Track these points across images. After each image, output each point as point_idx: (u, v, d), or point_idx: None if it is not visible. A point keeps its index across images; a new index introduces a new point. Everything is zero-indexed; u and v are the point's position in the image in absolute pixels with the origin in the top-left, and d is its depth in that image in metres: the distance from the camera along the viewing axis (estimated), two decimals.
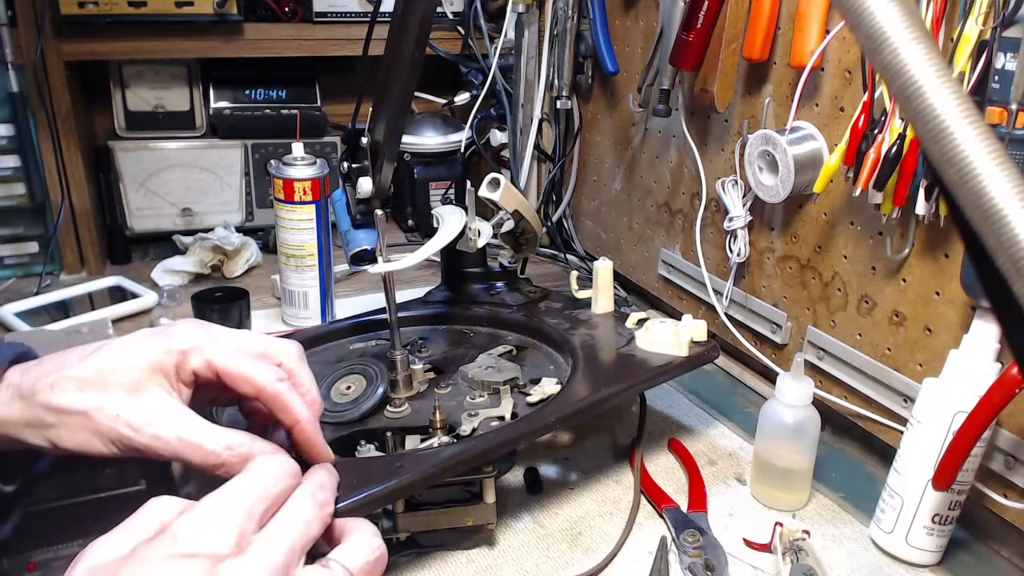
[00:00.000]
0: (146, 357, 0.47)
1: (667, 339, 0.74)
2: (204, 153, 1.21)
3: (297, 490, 0.43)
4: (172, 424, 0.46)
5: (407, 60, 0.62)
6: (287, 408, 0.49)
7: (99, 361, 0.47)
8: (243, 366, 0.49)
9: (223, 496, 0.40)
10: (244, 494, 0.40)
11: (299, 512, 0.42)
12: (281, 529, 0.40)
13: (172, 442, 0.45)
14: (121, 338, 0.50)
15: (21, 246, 1.11)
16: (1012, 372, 0.56)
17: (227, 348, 0.49)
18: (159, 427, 0.45)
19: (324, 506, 0.44)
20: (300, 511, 0.42)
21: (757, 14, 0.80)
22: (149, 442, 0.45)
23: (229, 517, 0.39)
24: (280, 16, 1.17)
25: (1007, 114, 0.58)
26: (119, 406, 0.45)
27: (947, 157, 0.24)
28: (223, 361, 0.48)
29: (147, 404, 0.46)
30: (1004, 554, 0.67)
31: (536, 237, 0.84)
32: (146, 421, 0.45)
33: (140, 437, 0.45)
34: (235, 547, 0.38)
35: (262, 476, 0.42)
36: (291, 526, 0.41)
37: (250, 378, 0.48)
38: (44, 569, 0.54)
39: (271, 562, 0.38)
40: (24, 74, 1.03)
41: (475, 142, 1.22)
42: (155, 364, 0.47)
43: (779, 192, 0.78)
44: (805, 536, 0.64)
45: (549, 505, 0.71)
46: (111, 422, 0.45)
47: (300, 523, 0.41)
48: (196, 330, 0.50)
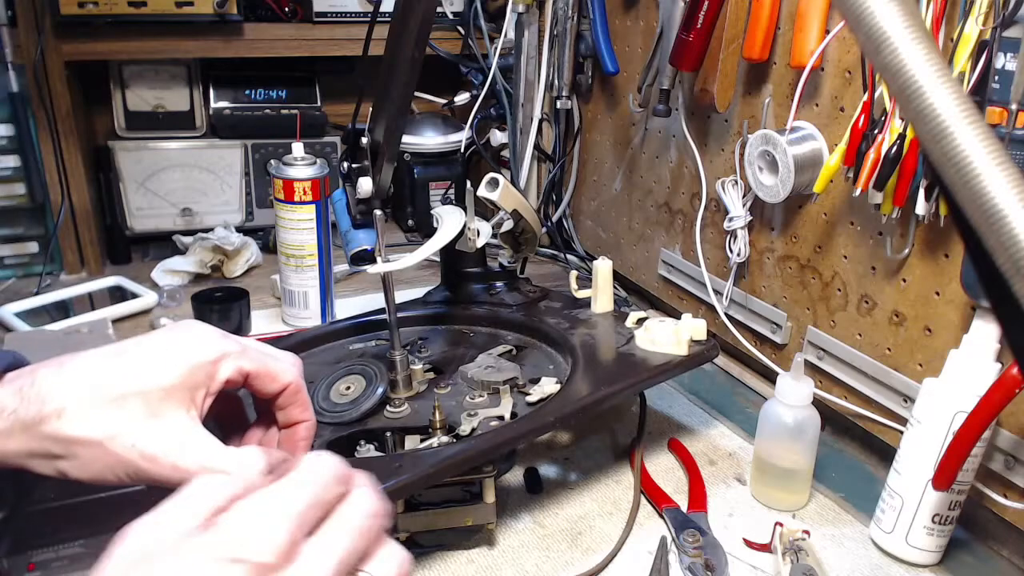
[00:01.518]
0: (168, 374, 0.44)
1: (667, 338, 0.74)
2: (204, 153, 1.21)
3: (349, 497, 0.38)
4: (194, 452, 0.43)
5: (407, 60, 0.62)
6: (306, 403, 0.50)
7: (113, 381, 0.43)
8: (270, 364, 0.48)
9: (277, 496, 0.35)
10: (298, 497, 0.35)
11: (352, 523, 0.36)
12: (332, 541, 0.35)
13: (194, 472, 0.42)
14: (132, 349, 0.45)
15: (21, 246, 1.11)
16: (1012, 372, 0.56)
17: (251, 350, 0.48)
18: (180, 456, 0.42)
19: (375, 516, 0.37)
20: (353, 521, 0.36)
21: (757, 14, 0.80)
22: (168, 473, 0.42)
23: (282, 522, 0.34)
24: (280, 16, 1.17)
25: (1007, 114, 0.58)
26: (135, 434, 0.42)
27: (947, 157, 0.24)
28: (252, 362, 0.47)
29: (165, 431, 0.43)
30: (1004, 554, 0.67)
31: (535, 237, 0.84)
32: (165, 451, 0.42)
33: (158, 468, 0.42)
34: (284, 556, 0.33)
35: (317, 478, 0.37)
36: (342, 538, 0.36)
37: (277, 374, 0.48)
38: (44, 569, 0.54)
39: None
40: (24, 74, 1.03)
41: (475, 142, 1.22)
42: (180, 381, 0.44)
43: (779, 192, 0.78)
44: (805, 536, 0.64)
45: (549, 505, 0.71)
46: (126, 452, 0.42)
47: (353, 534, 0.36)
48: (216, 336, 0.47)
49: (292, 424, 0.51)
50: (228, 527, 0.33)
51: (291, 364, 0.50)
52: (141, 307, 1.02)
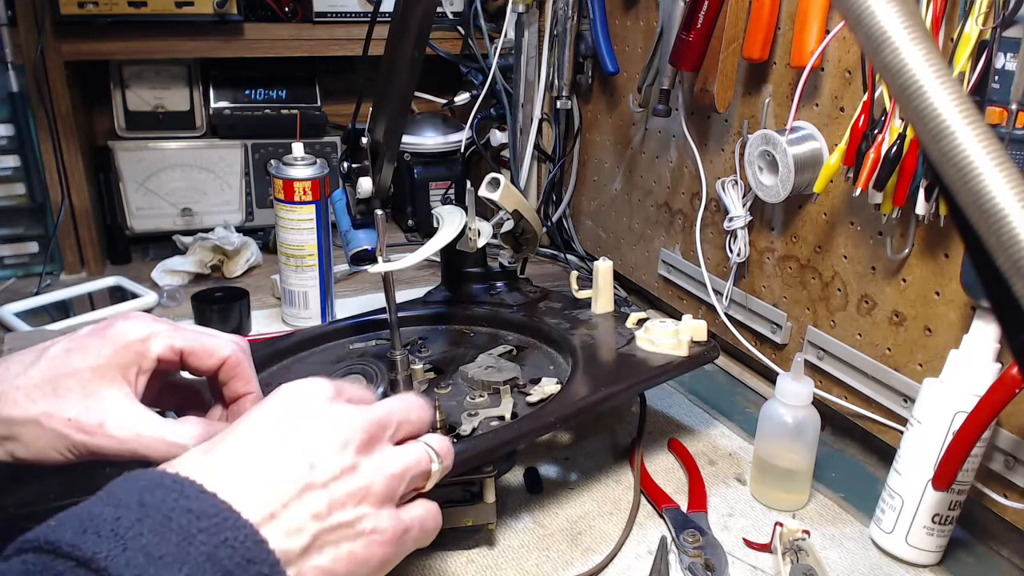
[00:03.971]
0: (99, 355, 0.46)
1: (667, 339, 0.74)
2: (204, 153, 1.21)
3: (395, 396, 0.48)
4: (130, 422, 0.45)
5: (407, 60, 0.62)
6: (248, 376, 0.50)
7: (46, 366, 0.45)
8: (205, 340, 0.49)
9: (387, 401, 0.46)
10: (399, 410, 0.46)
11: (399, 399, 0.48)
12: (380, 404, 0.46)
13: (129, 440, 0.44)
14: (64, 338, 0.48)
15: (21, 246, 1.11)
16: (1012, 372, 0.56)
17: (185, 329, 0.50)
18: (117, 427, 0.44)
19: (423, 405, 0.49)
20: (402, 399, 0.48)
21: (757, 14, 0.80)
22: (106, 443, 0.44)
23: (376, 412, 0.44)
24: (280, 16, 1.17)
25: (1007, 114, 0.58)
26: (72, 410, 0.44)
27: (947, 157, 0.24)
28: (185, 339, 0.49)
29: (99, 405, 0.45)
30: (1004, 554, 0.67)
31: (536, 237, 0.84)
32: (101, 421, 0.44)
33: (96, 439, 0.44)
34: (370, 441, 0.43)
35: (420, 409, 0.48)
36: (390, 403, 0.47)
37: (213, 349, 0.49)
38: None
39: (368, 414, 0.44)
40: (24, 74, 1.03)
41: (475, 142, 1.22)
42: (109, 361, 0.46)
43: (779, 192, 0.78)
44: (805, 536, 0.64)
45: (549, 505, 0.71)
46: (64, 427, 0.44)
47: (399, 403, 0.47)
48: (147, 319, 0.49)
49: (237, 398, 0.51)
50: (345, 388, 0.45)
51: (230, 340, 0.51)
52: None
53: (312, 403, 0.42)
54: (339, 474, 0.40)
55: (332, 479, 0.40)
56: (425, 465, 0.45)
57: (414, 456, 0.45)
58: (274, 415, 0.41)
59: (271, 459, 0.39)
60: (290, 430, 0.40)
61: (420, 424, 0.47)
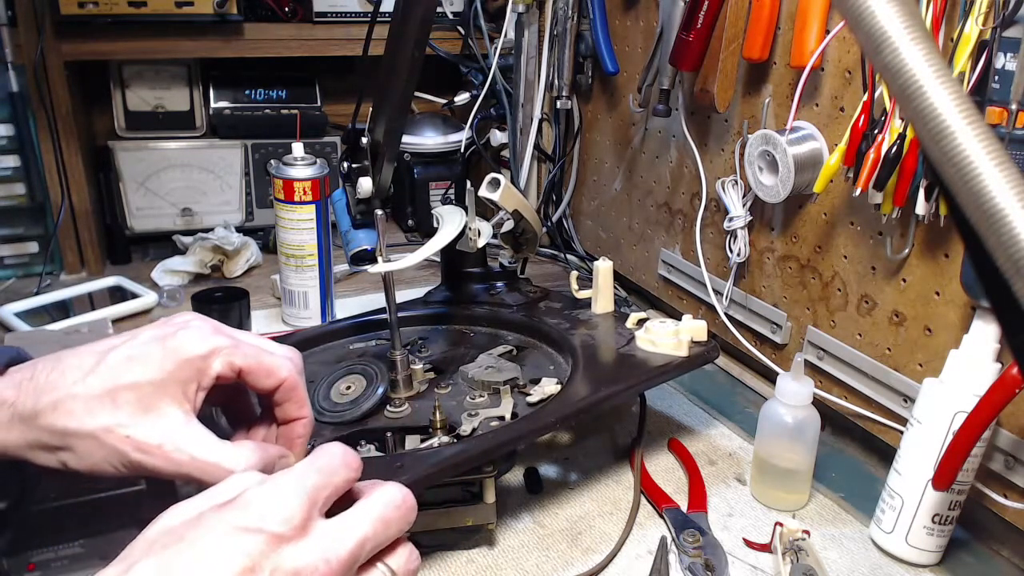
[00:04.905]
0: (161, 368, 0.45)
1: (667, 339, 0.74)
2: (204, 153, 1.21)
3: (379, 490, 0.41)
4: (187, 444, 0.44)
5: (407, 60, 0.62)
6: (303, 400, 0.49)
7: (106, 376, 0.44)
8: (264, 359, 0.47)
9: (289, 476, 0.38)
10: (309, 477, 0.38)
11: (373, 511, 0.39)
12: (350, 522, 0.38)
13: (185, 464, 0.43)
14: (125, 344, 0.46)
15: (21, 246, 1.11)
16: (1012, 372, 0.56)
17: (245, 344, 0.47)
18: (175, 449, 0.43)
19: (398, 508, 0.40)
20: (374, 510, 0.39)
21: (757, 14, 0.80)
22: (163, 465, 0.43)
23: (294, 497, 0.37)
24: (280, 16, 1.17)
25: (1007, 114, 0.58)
26: (128, 427, 0.43)
27: (947, 157, 0.24)
28: (245, 358, 0.47)
29: (158, 423, 0.44)
30: (1004, 554, 0.67)
31: (536, 237, 0.84)
32: (160, 442, 0.43)
33: (152, 460, 0.43)
34: (298, 528, 0.36)
35: (326, 462, 0.40)
36: (362, 522, 0.38)
37: (272, 369, 0.47)
38: (44, 569, 0.54)
39: (335, 552, 0.36)
40: (24, 74, 1.03)
41: (475, 142, 1.22)
42: (170, 376, 0.45)
43: (779, 192, 0.78)
44: (805, 536, 0.64)
45: (549, 505, 0.71)
46: (121, 444, 0.43)
47: (373, 520, 0.38)
48: (209, 331, 0.47)
49: (289, 421, 0.50)
50: (246, 502, 0.36)
51: (287, 359, 0.49)
52: (141, 307, 1.02)
53: (264, 547, 0.35)
54: None
55: None
56: None
57: None
58: (222, 553, 0.35)
59: None
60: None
61: (396, 537, 0.40)
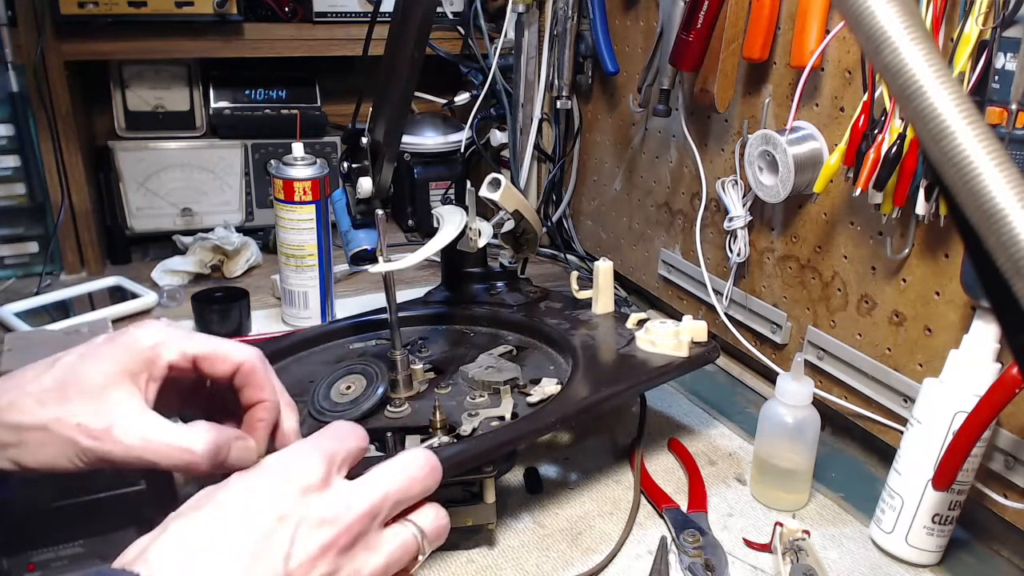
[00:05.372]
0: (111, 361, 0.45)
1: (667, 340, 0.74)
2: (204, 153, 1.21)
3: (402, 453, 0.46)
4: (137, 427, 0.43)
5: (407, 60, 0.62)
6: (263, 383, 0.49)
7: (57, 373, 0.45)
8: (218, 345, 0.48)
9: (308, 441, 0.44)
10: (323, 440, 0.44)
11: (396, 470, 0.44)
12: (373, 478, 0.43)
13: (136, 447, 0.43)
14: (78, 347, 0.47)
15: (21, 246, 1.11)
16: (1012, 372, 0.56)
17: (197, 335, 0.49)
18: (124, 432, 0.43)
19: (422, 469, 0.45)
20: (399, 468, 0.44)
21: (757, 14, 0.80)
22: (114, 448, 0.43)
23: (315, 454, 0.42)
24: (280, 16, 1.17)
25: (1007, 114, 0.58)
26: (79, 415, 0.43)
27: (947, 157, 0.24)
28: (197, 346, 0.48)
29: (108, 409, 0.44)
30: (1004, 554, 0.67)
31: (536, 237, 0.84)
32: (108, 426, 0.43)
33: (103, 445, 0.43)
34: (322, 482, 0.41)
35: (335, 431, 0.45)
36: (385, 478, 0.43)
37: (226, 355, 0.48)
38: (44, 569, 0.54)
39: (358, 501, 0.41)
40: (24, 74, 1.03)
41: (475, 142, 1.22)
42: (120, 367, 0.45)
43: (779, 192, 0.78)
44: (805, 536, 0.64)
45: (549, 505, 0.71)
46: (71, 432, 0.43)
47: (396, 478, 0.44)
48: (161, 326, 0.48)
49: (252, 405, 0.50)
50: (266, 466, 0.43)
51: (245, 347, 0.49)
52: (141, 307, 1.02)
53: (290, 498, 0.40)
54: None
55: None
56: (411, 554, 0.43)
57: (400, 550, 0.43)
58: (250, 507, 0.40)
59: (241, 561, 0.38)
60: (265, 531, 0.39)
61: (420, 497, 0.45)
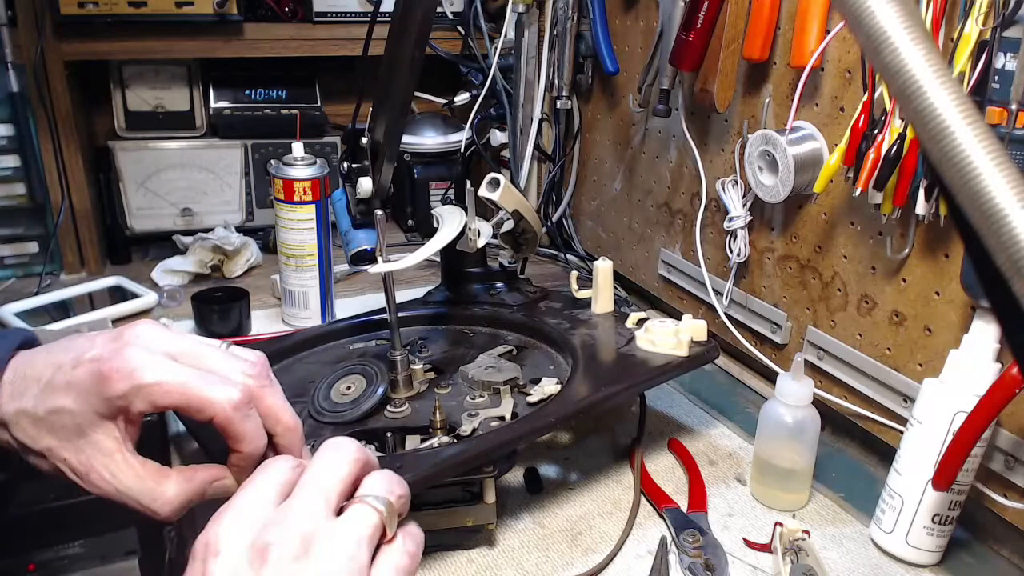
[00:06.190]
0: (87, 403, 0.45)
1: (667, 339, 0.74)
2: (204, 153, 1.21)
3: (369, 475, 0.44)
4: (112, 476, 0.46)
5: (407, 60, 0.62)
6: (240, 436, 0.46)
7: (48, 397, 0.46)
8: (192, 396, 0.45)
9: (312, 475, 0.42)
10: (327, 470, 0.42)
11: (320, 460, 0.43)
12: (307, 477, 0.42)
13: (112, 494, 0.46)
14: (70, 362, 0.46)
15: (21, 246, 1.11)
16: (1012, 372, 0.56)
17: (172, 379, 0.45)
18: (100, 479, 0.46)
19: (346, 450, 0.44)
20: (321, 459, 0.43)
21: (757, 14, 0.80)
22: (94, 489, 0.46)
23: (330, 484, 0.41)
24: (280, 16, 1.17)
25: (1007, 114, 0.58)
26: (64, 451, 0.46)
27: (947, 157, 0.24)
28: (168, 398, 0.45)
29: (90, 450, 0.46)
30: (1004, 554, 0.67)
31: (536, 237, 0.84)
32: (87, 470, 0.46)
33: (85, 484, 0.46)
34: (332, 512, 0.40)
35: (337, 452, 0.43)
36: (314, 473, 0.42)
37: (200, 407, 0.45)
38: (44, 569, 0.54)
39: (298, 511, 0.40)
40: (24, 74, 1.03)
41: (475, 142, 1.22)
42: (97, 410, 0.45)
43: (779, 192, 0.78)
44: (805, 536, 0.64)
45: (549, 505, 0.71)
46: (60, 464, 0.46)
47: (324, 467, 0.42)
48: (134, 368, 0.45)
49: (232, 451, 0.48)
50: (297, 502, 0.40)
51: (225, 396, 0.45)
52: (141, 307, 1.02)
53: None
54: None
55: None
56: (373, 523, 0.41)
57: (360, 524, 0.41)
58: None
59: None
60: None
61: (358, 475, 0.43)
